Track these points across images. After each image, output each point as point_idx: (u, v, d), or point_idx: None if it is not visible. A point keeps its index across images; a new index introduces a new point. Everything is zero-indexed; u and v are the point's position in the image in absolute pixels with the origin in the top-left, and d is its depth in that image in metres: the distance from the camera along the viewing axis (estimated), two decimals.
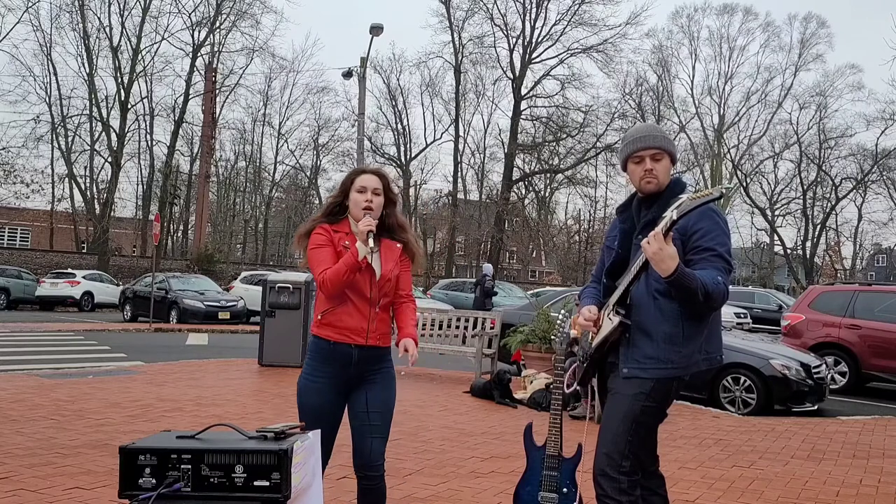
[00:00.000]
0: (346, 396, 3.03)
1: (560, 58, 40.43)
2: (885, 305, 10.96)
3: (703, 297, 2.50)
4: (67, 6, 35.25)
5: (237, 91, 40.95)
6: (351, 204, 3.02)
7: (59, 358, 10.90)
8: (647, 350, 2.70)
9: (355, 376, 3.00)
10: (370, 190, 2.99)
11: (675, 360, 2.68)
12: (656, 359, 2.69)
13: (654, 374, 2.69)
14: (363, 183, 3.01)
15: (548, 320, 8.70)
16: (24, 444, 5.08)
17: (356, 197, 3.00)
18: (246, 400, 7.35)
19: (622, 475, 2.70)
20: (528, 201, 48.90)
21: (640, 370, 2.70)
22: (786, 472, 5.25)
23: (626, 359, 2.75)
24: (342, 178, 3.13)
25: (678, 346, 2.68)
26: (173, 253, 44.00)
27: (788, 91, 47.81)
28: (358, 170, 3.11)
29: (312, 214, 3.16)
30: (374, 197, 2.99)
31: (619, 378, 2.77)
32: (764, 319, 23.03)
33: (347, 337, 2.94)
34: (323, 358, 2.97)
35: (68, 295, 24.85)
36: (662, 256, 2.42)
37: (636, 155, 2.80)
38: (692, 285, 2.48)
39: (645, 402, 2.71)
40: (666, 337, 2.68)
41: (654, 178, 2.79)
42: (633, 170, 2.83)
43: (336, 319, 2.94)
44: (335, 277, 2.87)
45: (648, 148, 2.79)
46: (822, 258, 52.06)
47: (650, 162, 2.78)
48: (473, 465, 5.08)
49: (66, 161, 36.90)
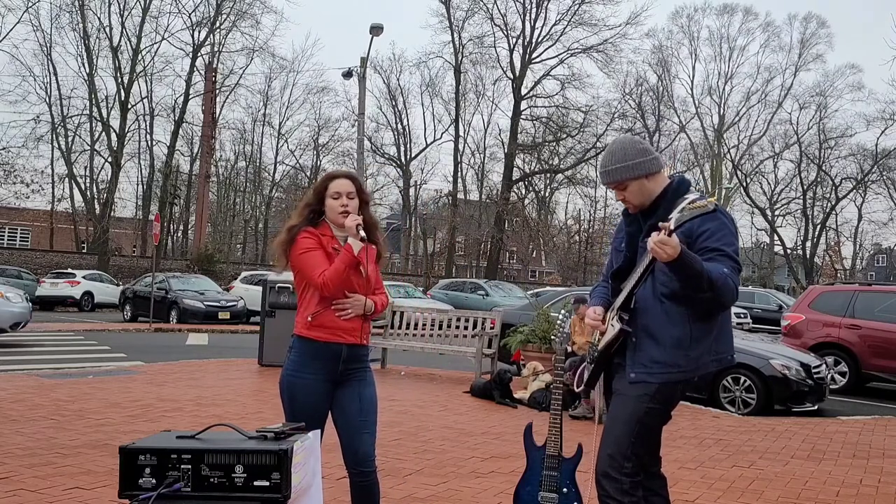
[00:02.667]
0: (331, 395, 3.04)
1: (560, 58, 40.52)
2: (885, 305, 10.96)
3: (707, 287, 2.47)
4: (67, 6, 35.33)
5: (237, 91, 41.07)
6: (328, 210, 3.06)
7: (59, 358, 10.90)
8: (654, 354, 2.68)
9: (341, 374, 3.02)
10: (344, 194, 3.04)
11: (683, 364, 2.67)
12: (663, 363, 2.67)
13: (662, 378, 2.68)
14: (337, 188, 3.05)
15: (548, 320, 8.71)
16: (24, 444, 5.08)
17: (332, 203, 3.04)
18: (246, 400, 7.36)
19: (624, 476, 2.69)
20: (528, 201, 48.92)
21: (648, 374, 2.69)
22: (786, 472, 5.25)
23: (632, 363, 2.73)
24: (316, 185, 3.15)
25: (686, 350, 2.66)
26: (173, 253, 43.99)
27: (788, 91, 47.92)
28: (329, 175, 3.14)
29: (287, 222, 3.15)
30: (349, 201, 3.04)
31: (625, 381, 2.75)
32: (764, 319, 23.05)
33: (340, 337, 2.97)
34: (311, 356, 2.98)
35: (68, 295, 24.85)
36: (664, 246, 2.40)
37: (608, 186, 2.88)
38: (696, 268, 2.44)
39: (649, 403, 2.70)
40: (674, 341, 2.66)
41: (630, 204, 2.82)
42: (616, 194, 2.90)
43: (328, 320, 2.96)
44: (336, 277, 2.90)
45: (608, 184, 2.82)
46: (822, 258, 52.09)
47: (618, 193, 2.83)
48: (473, 465, 5.08)
49: (66, 161, 36.94)
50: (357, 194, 3.08)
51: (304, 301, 3.02)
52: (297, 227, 3.04)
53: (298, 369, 2.99)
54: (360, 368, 3.08)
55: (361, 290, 3.00)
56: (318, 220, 3.08)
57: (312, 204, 3.09)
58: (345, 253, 2.93)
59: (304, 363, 2.99)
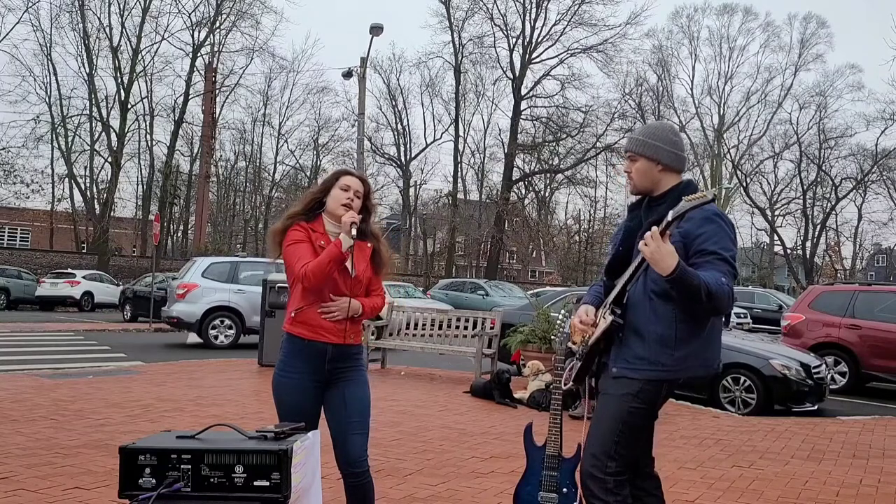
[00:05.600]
0: (321, 395, 3.03)
1: (560, 58, 40.55)
2: (885, 305, 10.96)
3: (705, 297, 2.46)
4: (67, 6, 35.32)
5: (237, 91, 41.04)
6: (330, 200, 3.04)
7: (59, 358, 10.90)
8: (637, 350, 2.68)
9: (329, 373, 3.01)
10: (353, 190, 3.04)
11: (666, 363, 2.65)
12: (646, 360, 2.66)
13: (644, 374, 2.67)
14: (348, 182, 3.05)
15: (548, 320, 8.70)
16: (24, 444, 5.08)
17: (338, 193, 3.03)
18: (246, 400, 7.35)
19: (608, 476, 2.68)
20: (528, 201, 48.88)
21: (629, 370, 2.69)
22: (786, 472, 5.25)
23: (616, 358, 2.74)
24: (326, 177, 3.15)
25: (670, 349, 2.65)
26: (173, 253, 43.95)
27: (788, 91, 47.86)
28: (344, 171, 3.15)
29: (288, 209, 3.14)
30: (355, 198, 3.04)
31: (609, 378, 2.76)
32: (764, 319, 23.04)
33: (323, 336, 2.96)
34: (297, 355, 2.98)
35: (68, 295, 24.85)
36: (662, 255, 2.41)
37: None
38: (694, 282, 2.45)
39: (632, 403, 2.69)
40: (657, 338, 2.65)
41: (631, 182, 2.84)
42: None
43: (310, 318, 2.95)
44: (318, 269, 2.87)
45: (626, 149, 2.86)
46: (822, 258, 52.07)
47: (627, 163, 2.85)
48: (473, 465, 5.08)
49: (66, 161, 36.88)
50: (364, 198, 3.08)
51: (292, 295, 3.02)
52: (294, 219, 3.03)
53: (285, 369, 2.99)
54: (351, 368, 3.05)
55: (348, 290, 2.97)
56: (317, 213, 3.07)
57: (317, 193, 3.08)
58: (332, 247, 2.90)
59: (290, 362, 2.98)
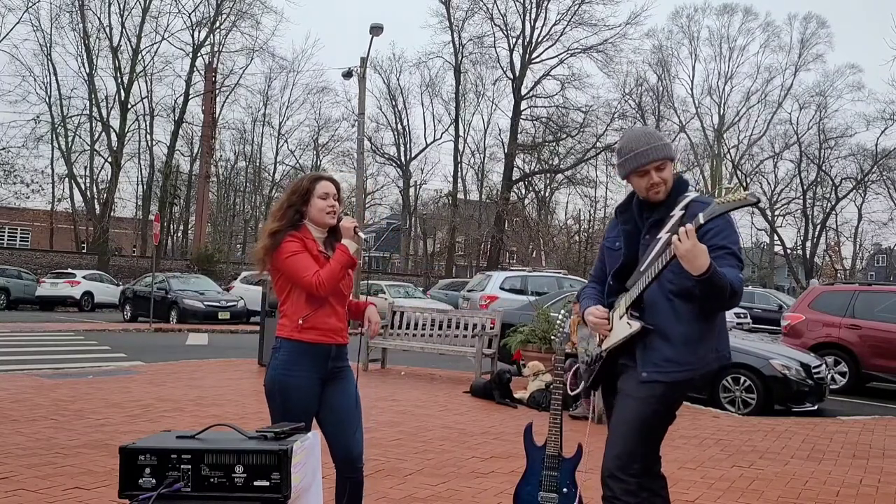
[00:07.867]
0: (320, 395, 3.04)
1: (560, 58, 40.53)
2: (885, 305, 10.96)
3: (729, 296, 2.48)
4: (67, 6, 35.31)
5: (237, 91, 41.04)
6: (314, 210, 3.03)
7: (59, 358, 10.90)
8: (665, 353, 2.66)
9: (329, 372, 3.05)
10: (331, 195, 3.05)
11: (692, 362, 2.66)
12: (675, 361, 2.66)
13: (673, 377, 2.66)
14: (325, 189, 3.05)
15: (548, 320, 8.70)
16: (24, 444, 5.08)
17: (319, 203, 3.03)
18: (246, 400, 7.35)
19: (631, 477, 2.67)
20: (528, 201, 48.89)
21: (660, 373, 2.66)
22: (786, 472, 5.25)
23: (644, 362, 2.69)
24: (298, 185, 3.08)
25: (694, 347, 2.66)
26: (173, 253, 44.00)
27: (788, 91, 47.81)
28: (316, 176, 3.13)
29: (266, 224, 3.11)
30: (334, 202, 3.06)
31: (633, 380, 2.72)
32: (764, 319, 23.06)
33: (331, 337, 3.01)
34: (303, 355, 2.98)
35: (68, 295, 24.84)
36: (696, 254, 2.38)
37: (641, 169, 2.70)
38: (722, 283, 2.45)
39: (656, 405, 2.68)
40: (683, 339, 2.65)
41: (662, 188, 2.71)
42: (638, 182, 2.73)
43: (320, 322, 2.98)
44: (331, 277, 2.90)
45: (653, 161, 2.67)
46: (822, 258, 52.06)
47: (655, 174, 2.68)
48: (473, 465, 5.08)
49: (66, 161, 36.86)
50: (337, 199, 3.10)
51: (290, 304, 3.00)
52: (282, 232, 2.99)
53: (290, 368, 2.96)
54: (345, 365, 3.13)
55: (347, 290, 3.06)
56: (300, 222, 3.05)
57: (296, 204, 3.04)
58: (341, 254, 2.94)
59: (295, 362, 2.97)
